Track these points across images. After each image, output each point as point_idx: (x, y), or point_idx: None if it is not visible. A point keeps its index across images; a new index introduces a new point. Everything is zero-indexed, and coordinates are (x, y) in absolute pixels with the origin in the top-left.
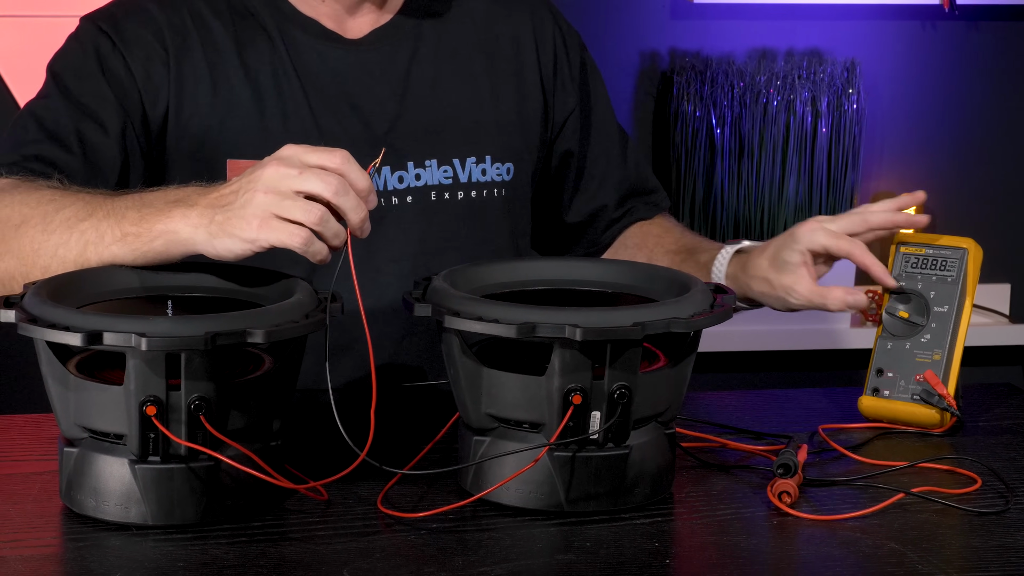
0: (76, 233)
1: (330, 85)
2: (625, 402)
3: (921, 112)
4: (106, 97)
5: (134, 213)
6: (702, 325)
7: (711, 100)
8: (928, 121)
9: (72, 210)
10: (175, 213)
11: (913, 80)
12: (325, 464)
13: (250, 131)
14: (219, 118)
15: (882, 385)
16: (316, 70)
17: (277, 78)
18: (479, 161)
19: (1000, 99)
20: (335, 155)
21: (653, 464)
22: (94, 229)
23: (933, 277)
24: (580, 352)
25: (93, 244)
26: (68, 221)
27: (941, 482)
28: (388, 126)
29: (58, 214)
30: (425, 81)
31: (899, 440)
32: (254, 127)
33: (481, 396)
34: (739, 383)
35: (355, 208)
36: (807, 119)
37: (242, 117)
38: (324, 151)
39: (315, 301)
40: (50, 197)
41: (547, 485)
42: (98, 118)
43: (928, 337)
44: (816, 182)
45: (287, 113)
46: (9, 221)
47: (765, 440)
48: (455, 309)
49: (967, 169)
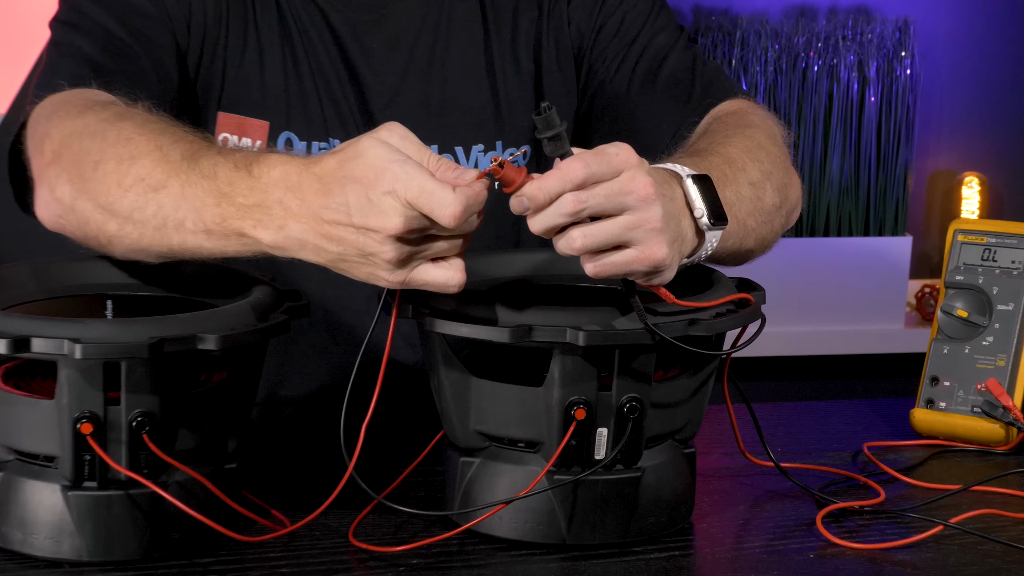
0: (153, 205)
1: (332, 49)
2: (636, 417)
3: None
4: (149, 13)
5: (213, 206)
6: (727, 327)
7: (741, 65)
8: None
9: (147, 166)
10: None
11: (976, 41)
12: (288, 490)
13: (251, 86)
14: (220, 66)
15: (937, 396)
16: (319, 33)
17: (283, 36)
18: (488, 149)
19: None
20: (446, 210)
21: (669, 489)
22: (172, 207)
23: (996, 270)
24: (584, 359)
25: (174, 228)
26: (143, 182)
27: (1008, 507)
28: (386, 101)
29: (133, 166)
30: (430, 56)
31: (957, 460)
32: (254, 83)
33: (469, 411)
34: (772, 394)
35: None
36: (853, 87)
37: (244, 69)
38: (435, 210)
39: (276, 300)
40: (126, 136)
41: (546, 514)
42: (146, 29)
43: (991, 340)
44: (864, 160)
45: (287, 73)
46: (88, 156)
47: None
48: (439, 309)
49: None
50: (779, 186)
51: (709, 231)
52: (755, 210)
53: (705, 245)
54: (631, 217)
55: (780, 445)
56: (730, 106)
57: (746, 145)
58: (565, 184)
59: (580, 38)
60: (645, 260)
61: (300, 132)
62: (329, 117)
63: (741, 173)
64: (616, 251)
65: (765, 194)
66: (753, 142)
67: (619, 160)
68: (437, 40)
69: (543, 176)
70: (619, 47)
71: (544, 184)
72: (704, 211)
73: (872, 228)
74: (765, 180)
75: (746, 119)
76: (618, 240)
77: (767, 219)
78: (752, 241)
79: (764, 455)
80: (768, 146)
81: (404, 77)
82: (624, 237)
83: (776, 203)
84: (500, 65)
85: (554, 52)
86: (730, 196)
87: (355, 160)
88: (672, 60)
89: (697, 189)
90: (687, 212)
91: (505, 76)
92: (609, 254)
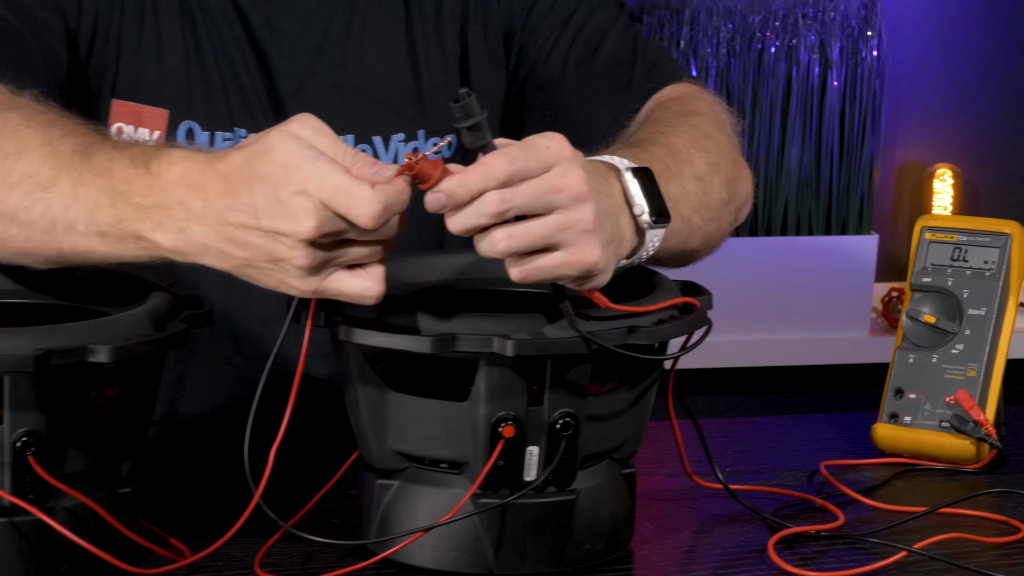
0: (41, 205)
1: (237, 30)
2: (570, 434)
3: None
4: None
5: (107, 207)
6: (670, 335)
7: (691, 47)
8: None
9: (34, 161)
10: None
11: (948, 19)
12: (189, 516)
13: (149, 72)
14: (115, 49)
15: (902, 410)
16: (223, 12)
17: (183, 16)
18: (410, 139)
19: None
20: (364, 209)
21: (607, 513)
22: (63, 207)
23: (967, 271)
24: (513, 371)
25: (64, 230)
26: (31, 179)
27: (977, 531)
28: (296, 86)
29: (19, 162)
30: (346, 36)
31: (923, 479)
32: (152, 67)
33: (387, 429)
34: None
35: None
36: (814, 70)
37: (141, 53)
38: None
39: (174, 308)
40: (11, 127)
41: (472, 542)
42: (32, 8)
43: (961, 348)
44: (825, 150)
45: (189, 56)
46: None
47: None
48: (354, 317)
49: (1020, 135)
50: (728, 179)
51: (650, 230)
52: (701, 206)
53: (646, 245)
54: (560, 217)
55: (729, 464)
56: (674, 91)
57: (692, 134)
58: (488, 181)
59: (510, 16)
60: (575, 264)
61: (202, 121)
62: (234, 104)
63: (686, 165)
64: (544, 253)
65: (712, 188)
66: (699, 131)
67: (549, 153)
68: (353, 19)
69: (464, 171)
70: (553, 26)
71: (465, 180)
72: (644, 208)
73: (834, 226)
74: (712, 173)
75: (692, 105)
76: (546, 242)
77: (714, 216)
78: (697, 240)
79: (711, 476)
80: (716, 135)
81: (316, 60)
82: (553, 239)
83: (724, 198)
84: (422, 46)
85: (481, 32)
86: (674, 191)
87: (263, 156)
88: (611, 40)
89: (637, 183)
90: (626, 209)
91: (428, 58)
92: (536, 257)
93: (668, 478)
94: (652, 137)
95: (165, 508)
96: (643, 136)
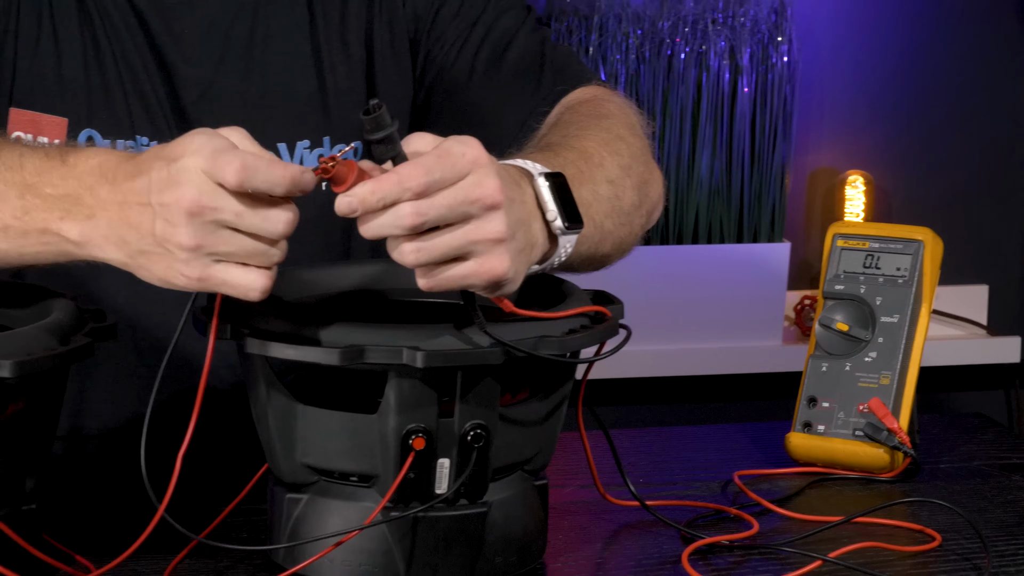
0: None
1: (138, 35)
2: (481, 446)
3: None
4: None
5: (15, 199)
6: (581, 344)
7: (600, 53)
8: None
9: None
10: (71, 218)
11: (860, 26)
12: (95, 532)
13: (47, 79)
14: (11, 56)
15: (815, 419)
16: (123, 17)
17: (83, 21)
18: (315, 145)
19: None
20: (228, 174)
21: (519, 525)
22: None
23: (880, 278)
24: (422, 383)
25: None
26: None
27: (892, 540)
28: (199, 93)
29: None
30: (249, 41)
31: (837, 488)
32: (50, 74)
33: (295, 442)
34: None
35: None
36: (724, 76)
37: (39, 60)
38: (218, 169)
39: (78, 320)
40: None
41: (382, 555)
42: None
43: (874, 355)
44: (737, 158)
45: (88, 63)
46: None
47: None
48: (260, 329)
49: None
50: (639, 183)
51: (563, 236)
52: (613, 210)
53: (558, 251)
54: (472, 228)
55: (642, 475)
56: (583, 94)
57: (603, 137)
58: (403, 192)
59: (416, 21)
60: (484, 274)
61: (103, 129)
62: (136, 112)
63: (598, 169)
64: (454, 263)
65: (624, 192)
66: (611, 134)
67: (464, 161)
68: (256, 24)
69: (379, 179)
70: (459, 30)
71: (379, 188)
72: (557, 214)
73: (746, 234)
74: (625, 176)
75: (602, 108)
76: (457, 253)
77: (626, 220)
78: (609, 245)
79: (623, 487)
80: (627, 137)
81: (219, 65)
82: (463, 250)
83: (636, 202)
84: (327, 52)
85: (387, 36)
86: (586, 195)
87: (175, 142)
88: (518, 44)
89: (550, 189)
90: (538, 215)
91: (333, 64)
92: (445, 267)
93: (581, 489)
94: (564, 140)
95: (71, 524)
96: (555, 139)
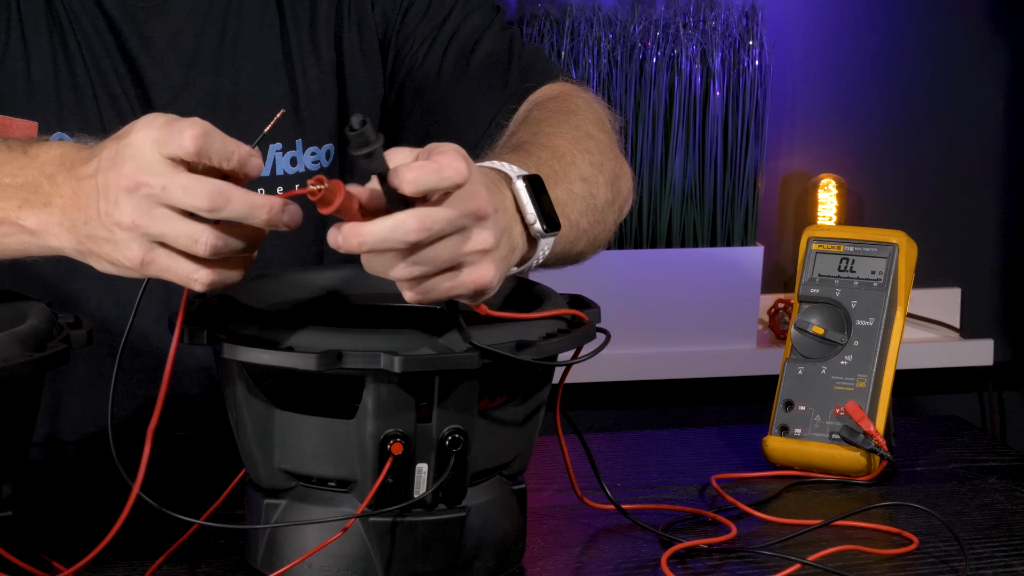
0: None
1: (108, 39)
2: (459, 451)
3: (842, 71)
4: None
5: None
6: (559, 349)
7: (572, 57)
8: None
9: None
10: (29, 207)
11: (829, 28)
12: (70, 539)
13: (16, 83)
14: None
15: (792, 422)
16: (93, 21)
17: (52, 25)
18: (287, 148)
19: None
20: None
21: (498, 530)
22: None
23: (855, 282)
24: (400, 388)
25: None
26: None
27: (870, 543)
28: (169, 97)
29: None
30: (219, 45)
31: (814, 492)
32: (20, 79)
33: (273, 447)
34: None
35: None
36: (696, 80)
37: (8, 64)
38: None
39: (54, 326)
40: None
41: (361, 561)
42: None
43: (850, 359)
44: (709, 162)
45: (58, 67)
46: None
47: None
48: (237, 334)
49: (904, 145)
50: (611, 179)
51: (542, 239)
52: (588, 208)
53: (537, 253)
54: (463, 239)
55: (619, 479)
56: (551, 90)
57: (573, 135)
58: (396, 243)
59: (385, 22)
60: (471, 284)
61: (73, 132)
62: (107, 116)
63: (572, 168)
64: (440, 275)
65: (598, 190)
66: (580, 131)
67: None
68: (227, 27)
69: (376, 222)
70: (428, 30)
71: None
72: (536, 218)
73: (719, 237)
74: (597, 174)
75: (569, 104)
76: (448, 265)
77: (600, 217)
78: (584, 243)
79: (600, 491)
80: (596, 134)
81: (189, 69)
82: (454, 262)
83: (609, 198)
84: (298, 55)
85: (356, 38)
86: (562, 195)
87: (130, 124)
88: (486, 42)
89: (528, 193)
90: (518, 219)
91: (304, 67)
92: (433, 279)
93: (559, 493)
94: (535, 139)
95: (48, 531)
96: (525, 138)
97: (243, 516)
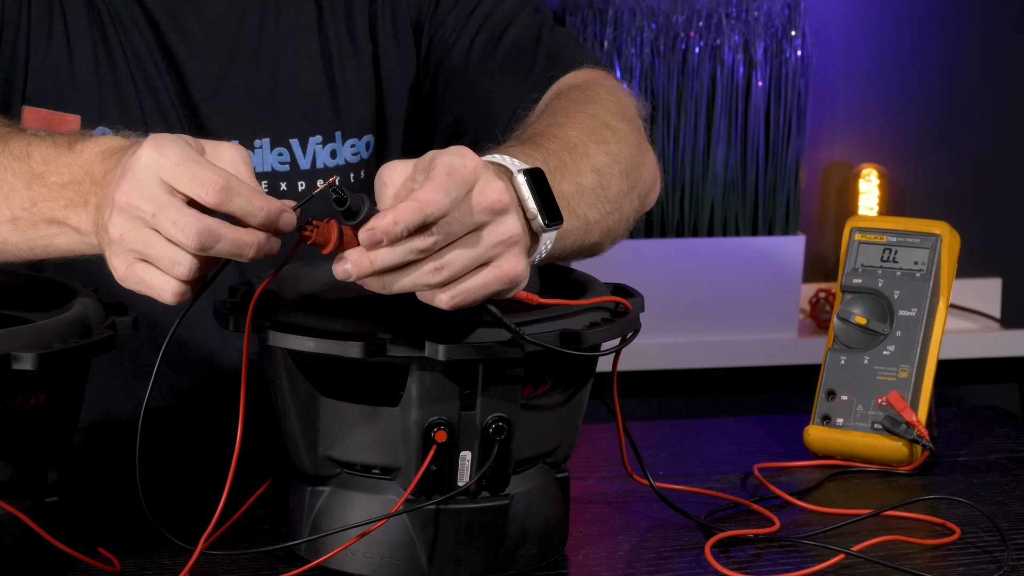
0: None
1: (147, 33)
2: (503, 439)
3: (882, 60)
4: None
5: (22, 189)
6: (602, 338)
7: (615, 48)
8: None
9: None
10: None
11: (871, 18)
12: (118, 526)
13: (60, 77)
14: (23, 55)
15: (834, 411)
16: (132, 15)
17: (92, 20)
18: (327, 141)
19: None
20: (210, 185)
21: (541, 518)
22: None
23: (897, 272)
24: (444, 376)
25: None
26: None
27: (911, 533)
28: (209, 91)
29: None
30: (258, 38)
31: (856, 482)
32: (63, 73)
33: (317, 434)
34: (651, 412)
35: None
36: (738, 70)
37: (51, 59)
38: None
39: (100, 314)
40: None
41: (405, 548)
42: None
43: (892, 349)
44: (751, 152)
45: (99, 61)
46: None
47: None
48: (281, 321)
49: (945, 135)
50: (628, 169)
51: (544, 232)
52: (598, 200)
53: (539, 247)
54: (487, 234)
55: (661, 468)
56: (575, 78)
57: (589, 125)
58: (427, 217)
59: (418, 9)
60: (503, 277)
61: (115, 126)
62: (148, 109)
63: (583, 159)
64: (471, 274)
65: (611, 181)
66: (597, 121)
67: (468, 172)
68: (265, 21)
69: (399, 207)
70: (459, 17)
71: (402, 217)
72: (537, 212)
73: (761, 227)
74: (612, 164)
75: (591, 93)
76: (477, 263)
77: (614, 208)
78: (597, 234)
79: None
80: (615, 123)
81: (229, 63)
82: (483, 258)
83: (624, 189)
84: (336, 47)
85: (391, 27)
86: (568, 189)
87: (150, 138)
88: (516, 28)
89: (529, 186)
90: (520, 212)
91: (342, 59)
92: (463, 280)
93: (602, 482)
94: (548, 131)
95: (94, 517)
96: (539, 129)
97: (286, 503)
